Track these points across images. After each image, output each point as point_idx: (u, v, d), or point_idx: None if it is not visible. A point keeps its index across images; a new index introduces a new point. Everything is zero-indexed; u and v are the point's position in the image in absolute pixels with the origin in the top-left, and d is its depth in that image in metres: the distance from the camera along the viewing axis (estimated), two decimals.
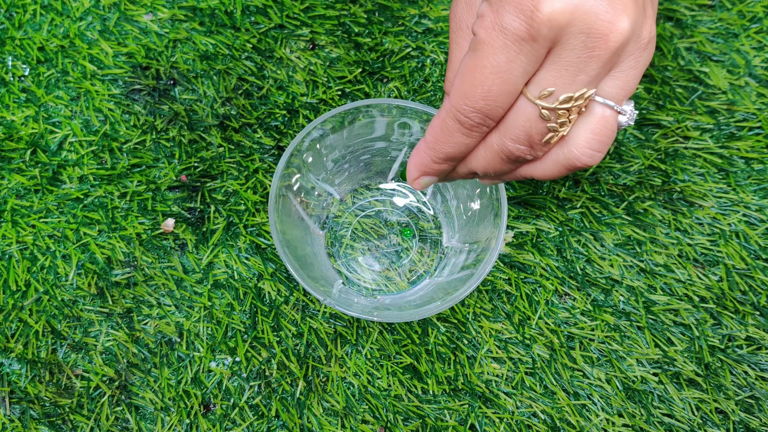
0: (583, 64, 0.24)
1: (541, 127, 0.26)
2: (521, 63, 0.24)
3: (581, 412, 0.41)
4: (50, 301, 0.42)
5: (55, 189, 0.44)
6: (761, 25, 0.48)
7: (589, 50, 0.24)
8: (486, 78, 0.25)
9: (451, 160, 0.29)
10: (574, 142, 0.27)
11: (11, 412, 0.41)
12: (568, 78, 0.25)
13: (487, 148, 0.28)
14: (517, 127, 0.26)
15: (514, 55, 0.24)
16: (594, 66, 0.25)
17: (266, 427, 0.40)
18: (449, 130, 0.27)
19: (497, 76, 0.24)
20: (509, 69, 0.24)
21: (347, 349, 0.42)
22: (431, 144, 0.28)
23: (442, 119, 0.27)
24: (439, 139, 0.28)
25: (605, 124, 0.27)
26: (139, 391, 0.41)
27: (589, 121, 0.27)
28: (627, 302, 0.43)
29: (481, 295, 0.43)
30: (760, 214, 0.44)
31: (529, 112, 0.26)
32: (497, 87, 0.25)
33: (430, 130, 0.28)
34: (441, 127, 0.27)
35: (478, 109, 0.26)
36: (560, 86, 0.25)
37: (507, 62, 0.24)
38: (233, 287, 0.43)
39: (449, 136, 0.27)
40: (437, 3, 0.48)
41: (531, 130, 0.26)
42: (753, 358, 0.42)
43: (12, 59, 0.47)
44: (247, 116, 0.46)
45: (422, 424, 0.40)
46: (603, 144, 0.27)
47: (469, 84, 0.25)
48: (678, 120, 0.46)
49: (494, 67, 0.24)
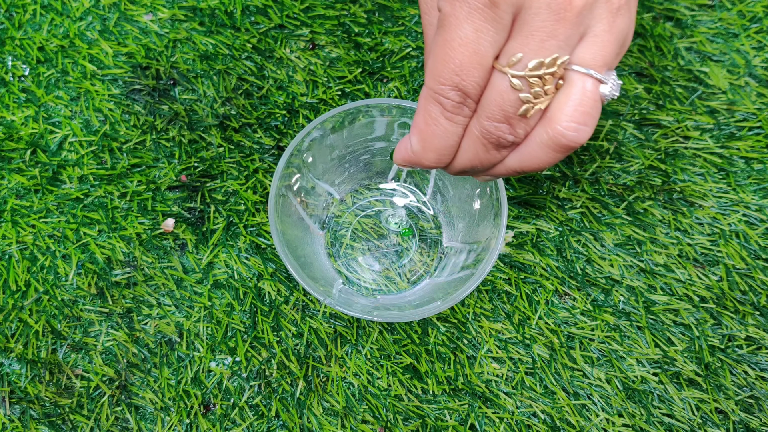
0: (550, 28, 0.24)
1: (514, 98, 0.25)
2: (488, 32, 0.24)
3: (581, 412, 0.41)
4: (50, 301, 0.42)
5: (55, 189, 0.44)
6: (761, 25, 0.48)
7: (554, 13, 0.23)
8: (455, 51, 0.24)
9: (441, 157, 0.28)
10: (557, 117, 0.26)
11: (11, 412, 0.41)
12: (535, 44, 0.24)
13: (469, 136, 0.27)
14: (491, 103, 0.25)
15: (479, 24, 0.24)
16: (562, 29, 0.24)
17: (266, 427, 0.40)
18: (433, 118, 0.26)
19: (466, 47, 0.24)
20: (477, 39, 0.24)
21: (347, 349, 0.42)
22: (419, 141, 0.27)
23: (423, 108, 0.26)
24: (424, 132, 0.27)
25: (587, 95, 0.25)
26: (139, 391, 0.41)
27: (569, 92, 0.25)
28: (627, 302, 0.43)
29: (481, 295, 0.43)
30: (760, 214, 0.44)
31: (500, 84, 0.25)
32: (467, 58, 0.24)
33: (414, 127, 0.27)
34: (424, 118, 0.26)
35: (454, 85, 0.25)
36: (528, 52, 0.24)
37: (474, 32, 0.24)
38: (233, 287, 0.43)
39: (435, 124, 0.26)
40: None
41: (504, 104, 0.25)
42: (753, 358, 0.42)
43: (12, 59, 0.47)
44: (247, 116, 0.46)
45: (422, 424, 0.40)
46: (588, 116, 0.25)
47: (441, 60, 0.25)
48: (678, 120, 0.46)
49: (461, 39, 0.24)
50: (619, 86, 0.26)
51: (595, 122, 0.26)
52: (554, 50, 0.24)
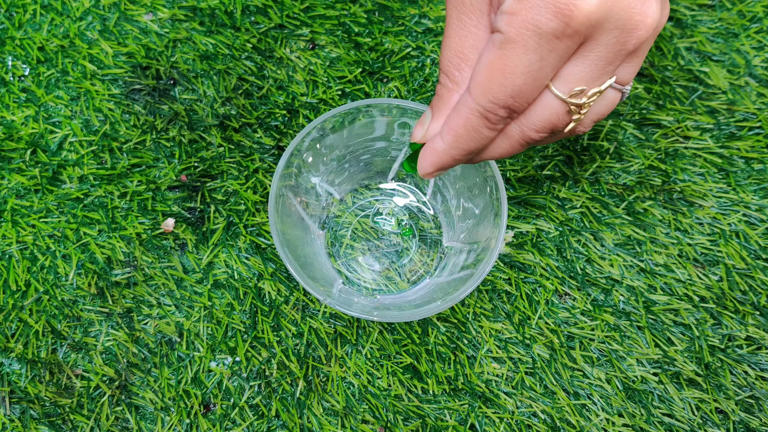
0: (612, 58, 0.24)
1: (567, 120, 0.26)
2: (552, 60, 0.24)
3: (581, 412, 0.41)
4: (50, 301, 0.42)
5: (55, 189, 0.44)
6: (761, 24, 0.48)
7: (621, 44, 0.24)
8: (517, 78, 0.24)
9: (471, 155, 0.28)
10: (581, 122, 0.27)
11: (11, 412, 0.41)
12: (597, 72, 0.24)
13: (508, 137, 0.27)
14: (543, 120, 0.26)
15: (546, 54, 0.23)
16: (621, 58, 0.24)
17: (266, 427, 0.40)
18: (474, 128, 0.26)
19: (528, 75, 0.24)
20: (541, 68, 0.24)
21: (347, 349, 0.42)
22: (453, 143, 0.27)
23: (465, 117, 0.26)
24: (462, 137, 0.27)
25: (611, 105, 0.27)
26: (139, 391, 0.41)
27: (599, 104, 0.27)
28: (627, 302, 0.43)
29: (481, 295, 0.43)
30: (760, 214, 0.44)
31: (556, 107, 0.25)
32: (527, 85, 0.24)
33: (449, 129, 0.27)
34: (465, 126, 0.26)
35: (506, 106, 0.25)
36: (590, 82, 0.25)
37: (539, 61, 0.24)
38: (233, 287, 0.43)
39: (474, 133, 0.27)
40: (437, 3, 0.48)
41: (558, 123, 0.26)
42: (753, 358, 0.42)
43: (12, 59, 0.47)
44: (247, 116, 0.46)
45: (422, 424, 0.40)
46: (602, 118, 0.28)
47: (498, 84, 0.24)
48: (678, 120, 0.46)
49: (526, 67, 0.24)
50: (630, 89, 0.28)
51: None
52: (609, 76, 0.25)
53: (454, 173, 0.40)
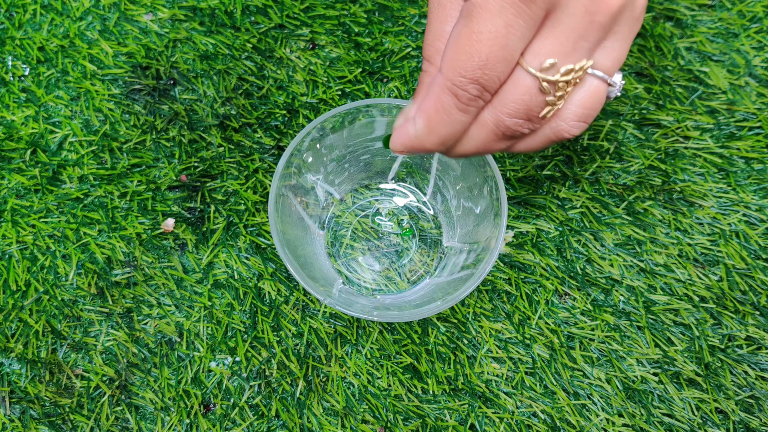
0: (583, 31, 0.23)
1: (541, 101, 0.25)
2: (519, 27, 0.23)
3: (581, 412, 0.41)
4: (50, 301, 0.42)
5: (55, 189, 0.44)
6: (761, 24, 0.48)
7: (590, 14, 0.23)
8: (483, 45, 0.23)
9: (445, 144, 0.27)
10: (564, 115, 0.26)
11: (11, 412, 0.41)
12: (569, 46, 0.24)
13: (481, 125, 0.26)
14: (515, 101, 0.25)
15: (512, 19, 0.23)
16: (594, 33, 0.23)
17: (266, 427, 0.40)
18: (445, 108, 0.25)
19: (494, 42, 0.23)
20: (507, 34, 0.23)
21: (347, 349, 0.42)
22: (425, 127, 0.26)
23: (435, 96, 0.25)
24: (433, 119, 0.25)
25: (596, 97, 0.26)
26: (139, 391, 0.41)
27: (581, 93, 0.26)
28: (627, 302, 0.43)
29: (481, 295, 0.43)
30: (760, 214, 0.44)
31: (528, 84, 0.24)
32: (494, 54, 0.23)
33: (421, 112, 0.26)
34: (435, 107, 0.25)
35: (475, 80, 0.24)
36: (562, 56, 0.24)
37: (505, 26, 0.23)
38: (233, 287, 0.43)
39: (445, 114, 0.25)
40: None
41: (531, 104, 0.25)
42: (753, 358, 0.42)
43: (12, 59, 0.47)
44: (247, 116, 0.46)
45: (422, 424, 0.40)
46: (591, 116, 0.26)
47: (465, 53, 0.23)
48: (678, 120, 0.46)
49: (491, 33, 0.23)
50: (622, 86, 0.26)
51: (593, 119, 0.27)
52: (584, 54, 0.24)
53: (454, 173, 0.40)
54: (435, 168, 0.41)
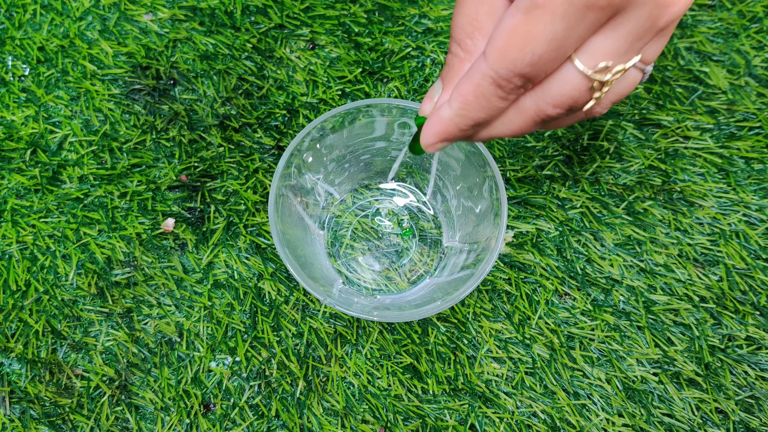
0: (642, 34, 0.23)
1: (588, 97, 0.25)
2: (579, 31, 0.22)
3: (581, 412, 0.41)
4: (50, 301, 0.42)
5: (55, 189, 0.44)
6: (761, 24, 0.48)
7: (652, 20, 0.22)
8: (538, 45, 0.22)
9: (479, 125, 0.26)
10: (600, 102, 0.26)
11: (11, 412, 0.41)
12: (625, 48, 0.23)
13: (521, 112, 0.26)
14: (562, 95, 0.24)
15: (574, 24, 0.22)
16: (650, 36, 0.23)
17: (266, 427, 0.40)
18: (485, 96, 0.24)
19: (551, 44, 0.22)
20: (566, 38, 0.22)
21: (347, 349, 0.42)
22: (460, 110, 0.25)
23: (476, 83, 0.24)
24: (471, 104, 0.25)
25: (632, 85, 0.26)
26: (139, 391, 0.41)
27: (620, 84, 0.26)
28: (627, 302, 0.43)
29: (481, 295, 0.43)
30: (760, 214, 0.44)
31: (578, 82, 0.24)
32: (549, 54, 0.23)
33: (458, 95, 0.25)
34: (475, 92, 0.24)
35: (522, 75, 0.23)
36: (617, 58, 0.23)
37: (565, 30, 0.22)
38: (233, 287, 0.43)
39: (484, 101, 0.25)
40: (437, 3, 0.48)
41: (578, 100, 0.25)
42: (753, 358, 0.42)
43: (12, 59, 0.47)
44: (247, 116, 0.46)
45: (422, 424, 0.40)
46: (621, 100, 0.26)
47: (518, 50, 0.23)
48: (678, 120, 0.46)
49: (550, 35, 0.22)
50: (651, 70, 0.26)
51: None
52: (637, 53, 0.24)
53: (454, 173, 0.40)
54: (435, 168, 0.41)
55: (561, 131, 0.46)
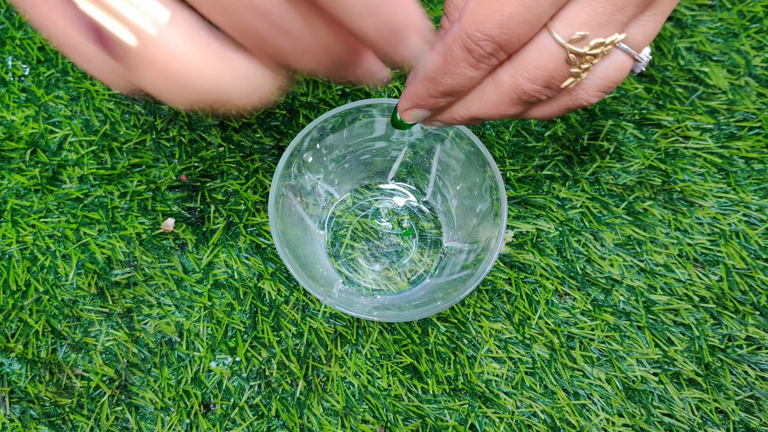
0: (622, 4, 0.22)
1: (564, 71, 0.23)
2: None
3: (581, 412, 0.41)
4: (50, 301, 0.42)
5: (55, 189, 0.44)
6: (761, 24, 0.48)
7: None
8: (507, 3, 0.21)
9: (450, 95, 0.25)
10: (585, 85, 0.25)
11: (11, 412, 0.41)
12: (603, 18, 0.22)
13: (497, 85, 0.24)
14: (537, 67, 0.23)
15: None
16: (633, 7, 0.22)
17: (266, 427, 0.40)
18: (454, 60, 0.23)
19: (521, 2, 0.21)
20: None
21: (347, 349, 0.42)
22: (430, 74, 0.24)
23: (447, 45, 0.23)
24: (440, 68, 0.24)
25: (620, 71, 0.25)
26: (139, 391, 0.41)
27: (606, 66, 0.24)
28: (627, 302, 0.43)
29: (481, 295, 0.43)
30: (760, 214, 0.44)
31: (553, 52, 0.23)
32: (519, 15, 0.21)
33: (429, 58, 0.24)
34: (445, 55, 0.24)
35: (491, 37, 0.22)
36: (594, 28, 0.22)
37: None
38: (233, 287, 0.43)
39: (453, 65, 0.24)
40: (437, 3, 0.48)
41: (554, 73, 0.23)
42: (753, 358, 0.42)
43: (12, 59, 0.47)
44: (247, 116, 0.46)
45: (422, 424, 0.40)
46: (612, 89, 0.25)
47: (487, 8, 0.22)
48: (678, 120, 0.46)
49: None
50: (648, 61, 0.25)
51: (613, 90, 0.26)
52: (617, 28, 0.22)
53: (454, 173, 0.40)
54: (435, 168, 0.41)
55: (561, 131, 0.46)
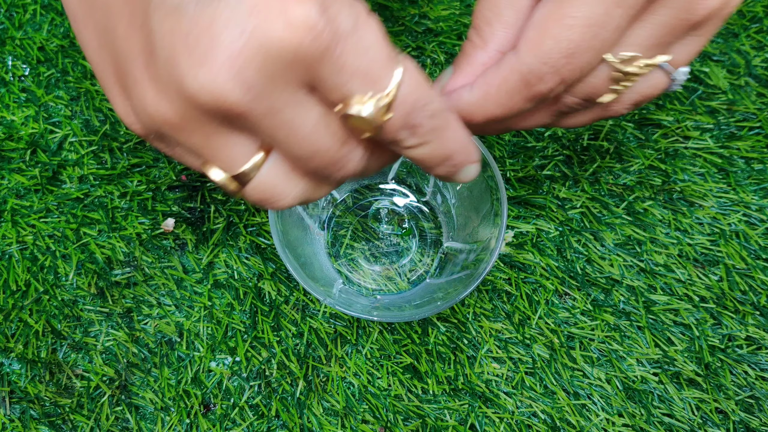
0: (674, 28, 0.21)
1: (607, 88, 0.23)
2: (617, 18, 0.20)
3: (581, 412, 0.41)
4: (50, 301, 0.42)
5: (55, 189, 0.44)
6: (761, 25, 0.48)
7: (687, 11, 0.21)
8: (574, 32, 0.20)
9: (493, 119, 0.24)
10: (621, 99, 0.24)
11: (11, 412, 0.41)
12: (656, 40, 0.22)
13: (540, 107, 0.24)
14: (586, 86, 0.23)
15: (611, 7, 0.20)
16: (683, 31, 0.22)
17: (266, 427, 0.40)
18: (509, 93, 0.22)
19: (588, 30, 0.20)
20: (604, 23, 0.20)
21: (347, 349, 0.42)
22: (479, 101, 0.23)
23: (503, 77, 0.22)
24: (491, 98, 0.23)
25: (656, 89, 0.24)
26: (139, 391, 0.41)
27: (644, 83, 0.24)
28: (627, 302, 0.43)
29: (481, 295, 0.43)
30: (760, 214, 0.44)
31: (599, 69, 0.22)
32: (587, 42, 0.20)
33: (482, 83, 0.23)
34: (499, 86, 0.22)
35: (557, 70, 0.21)
36: (645, 50, 0.22)
37: (604, 14, 0.20)
38: (233, 287, 0.43)
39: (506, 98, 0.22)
40: (437, 3, 0.48)
41: (597, 89, 0.23)
42: (753, 358, 0.42)
43: (12, 59, 0.47)
44: None
45: (422, 424, 0.40)
46: (644, 103, 0.25)
47: (553, 38, 0.21)
48: (678, 120, 0.46)
49: (587, 19, 0.20)
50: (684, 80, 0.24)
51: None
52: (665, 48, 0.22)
53: None
54: None
55: (561, 131, 0.46)
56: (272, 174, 0.20)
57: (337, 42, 0.17)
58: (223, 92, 0.17)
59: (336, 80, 0.17)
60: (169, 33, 0.16)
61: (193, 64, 0.16)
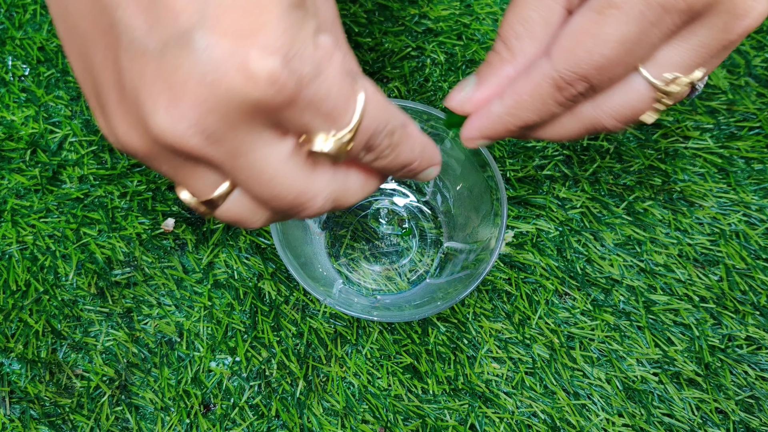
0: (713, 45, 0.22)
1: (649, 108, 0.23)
2: (652, 37, 0.21)
3: (581, 412, 0.41)
4: (50, 301, 0.42)
5: (55, 189, 0.44)
6: (761, 25, 0.48)
7: (725, 31, 0.21)
8: (608, 47, 0.21)
9: (528, 128, 0.25)
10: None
11: (11, 412, 0.41)
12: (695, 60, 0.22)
13: (577, 119, 0.24)
14: (624, 106, 0.23)
15: (648, 27, 0.20)
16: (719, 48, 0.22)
17: (266, 427, 0.40)
18: (542, 98, 0.23)
19: (622, 47, 0.21)
20: (639, 41, 0.21)
21: (347, 348, 0.42)
22: (512, 108, 0.24)
23: (536, 83, 0.23)
24: (524, 103, 0.23)
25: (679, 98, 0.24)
26: (139, 391, 0.41)
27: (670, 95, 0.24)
28: (627, 302, 0.43)
29: (481, 295, 0.43)
30: (760, 214, 0.44)
31: (643, 93, 0.23)
32: (618, 58, 0.21)
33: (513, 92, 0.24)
34: (532, 92, 0.23)
35: (586, 78, 0.22)
36: (685, 70, 0.22)
37: (638, 34, 0.21)
38: (233, 287, 0.43)
39: (540, 103, 0.23)
40: (437, 3, 0.48)
41: (639, 111, 0.23)
42: (753, 358, 0.42)
43: (12, 59, 0.47)
44: None
45: (422, 424, 0.40)
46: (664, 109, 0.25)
47: (586, 50, 0.21)
48: (678, 120, 0.46)
49: (622, 38, 0.21)
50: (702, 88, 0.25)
51: None
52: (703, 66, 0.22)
53: (453, 173, 0.40)
54: None
55: None
56: (239, 204, 0.21)
57: (300, 90, 0.17)
58: (183, 138, 0.17)
59: (299, 121, 0.18)
60: (137, 76, 0.17)
61: (157, 108, 0.17)
